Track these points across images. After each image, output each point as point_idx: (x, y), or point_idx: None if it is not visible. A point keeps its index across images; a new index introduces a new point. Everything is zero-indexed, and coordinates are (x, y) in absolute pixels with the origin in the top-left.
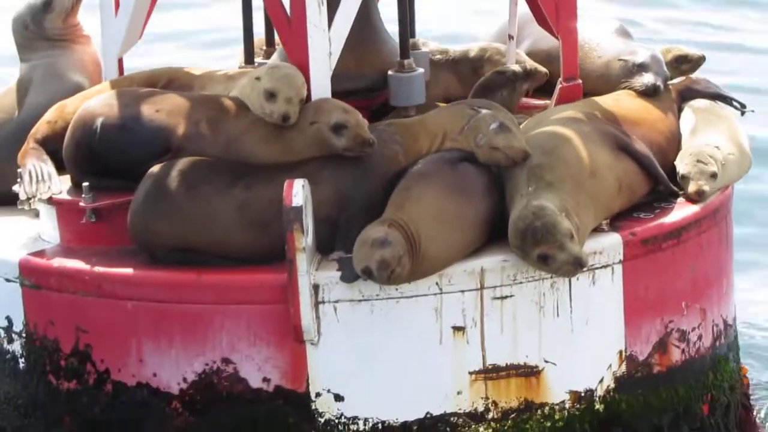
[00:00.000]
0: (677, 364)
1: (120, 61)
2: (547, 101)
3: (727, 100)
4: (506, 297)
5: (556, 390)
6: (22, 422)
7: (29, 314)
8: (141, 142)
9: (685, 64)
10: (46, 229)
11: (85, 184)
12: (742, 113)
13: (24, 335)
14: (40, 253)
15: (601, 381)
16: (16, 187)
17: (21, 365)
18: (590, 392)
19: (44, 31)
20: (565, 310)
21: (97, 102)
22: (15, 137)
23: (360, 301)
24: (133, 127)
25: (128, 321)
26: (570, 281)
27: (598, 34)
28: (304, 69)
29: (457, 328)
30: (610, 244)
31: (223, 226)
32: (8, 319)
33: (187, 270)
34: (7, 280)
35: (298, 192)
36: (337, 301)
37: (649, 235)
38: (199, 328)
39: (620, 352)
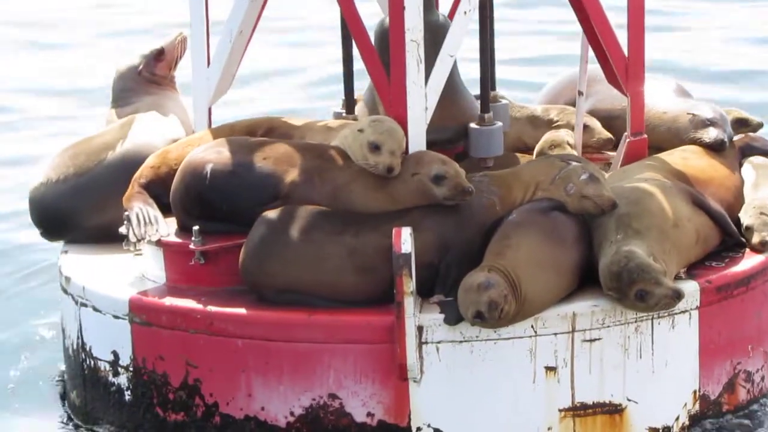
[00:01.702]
0: (743, 403)
1: (209, 110)
2: (611, 154)
3: None
4: (595, 340)
5: (637, 427)
6: None
7: (137, 349)
8: (250, 188)
9: (744, 127)
10: (151, 269)
11: (196, 228)
12: None
13: (131, 369)
14: (149, 292)
15: (677, 419)
16: (122, 229)
17: (127, 397)
18: (667, 429)
19: (153, 77)
20: (647, 352)
21: (206, 149)
22: (118, 169)
23: (461, 342)
24: (242, 173)
25: (238, 357)
26: (652, 326)
27: (661, 91)
28: (403, 123)
29: (549, 368)
30: (689, 291)
31: (334, 270)
32: (114, 353)
33: (296, 310)
34: (116, 317)
35: (407, 239)
36: (439, 342)
37: (723, 282)
38: (307, 365)
39: (694, 392)
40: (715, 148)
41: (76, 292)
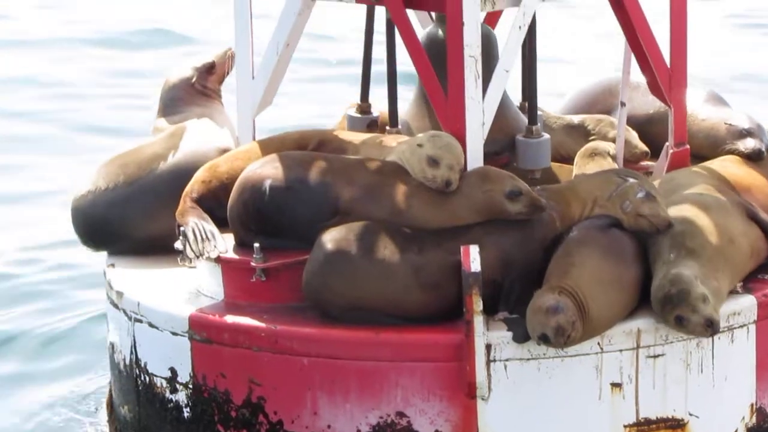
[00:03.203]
0: None
1: (253, 122)
2: (650, 163)
3: None
4: (659, 356)
5: None
6: None
7: (197, 366)
8: (309, 204)
9: None
10: (208, 284)
11: (257, 245)
12: None
13: (191, 386)
14: (210, 310)
15: None
16: (178, 245)
17: (185, 414)
18: None
19: (205, 89)
20: (708, 366)
21: (263, 164)
22: (170, 179)
23: (528, 359)
24: (302, 189)
25: (303, 376)
26: (713, 340)
27: (698, 98)
28: (461, 138)
29: (615, 385)
30: (747, 306)
31: (400, 288)
32: (172, 370)
33: (364, 328)
34: (174, 334)
35: (476, 258)
36: (507, 360)
37: None
38: (375, 383)
39: (751, 405)
40: (753, 158)
41: (130, 307)
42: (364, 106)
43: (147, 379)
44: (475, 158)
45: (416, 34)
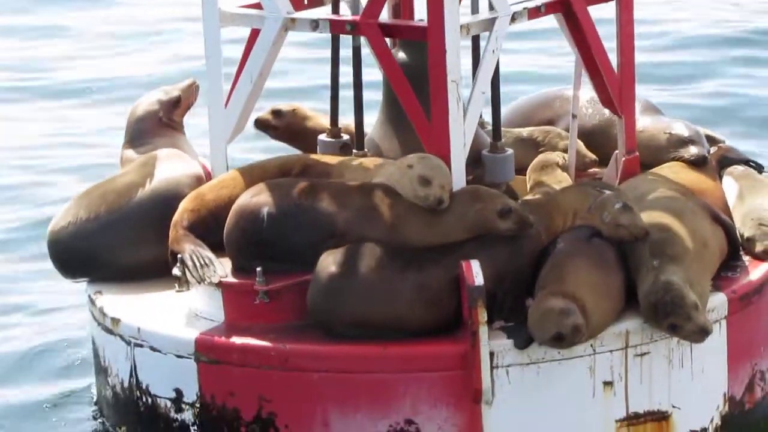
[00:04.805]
0: (759, 401)
1: (225, 149)
2: (598, 170)
3: (749, 164)
4: (645, 354)
5: (680, 430)
6: None
7: (205, 387)
8: (306, 229)
9: (712, 143)
10: (206, 308)
11: (259, 268)
12: (760, 172)
13: (198, 405)
14: (214, 332)
15: (712, 420)
16: (176, 272)
17: (192, 431)
18: (705, 430)
19: (170, 122)
20: (688, 361)
21: (256, 193)
22: (149, 206)
23: (528, 364)
24: (298, 215)
25: (314, 390)
26: None
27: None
28: (446, 159)
29: (607, 383)
30: (720, 303)
31: (404, 305)
32: (177, 391)
33: (371, 343)
34: (179, 357)
35: (478, 272)
36: (509, 366)
37: (744, 291)
38: (384, 394)
39: (724, 395)
40: (698, 164)
41: (129, 333)
42: (335, 131)
43: (149, 400)
44: (458, 178)
45: (396, 62)
